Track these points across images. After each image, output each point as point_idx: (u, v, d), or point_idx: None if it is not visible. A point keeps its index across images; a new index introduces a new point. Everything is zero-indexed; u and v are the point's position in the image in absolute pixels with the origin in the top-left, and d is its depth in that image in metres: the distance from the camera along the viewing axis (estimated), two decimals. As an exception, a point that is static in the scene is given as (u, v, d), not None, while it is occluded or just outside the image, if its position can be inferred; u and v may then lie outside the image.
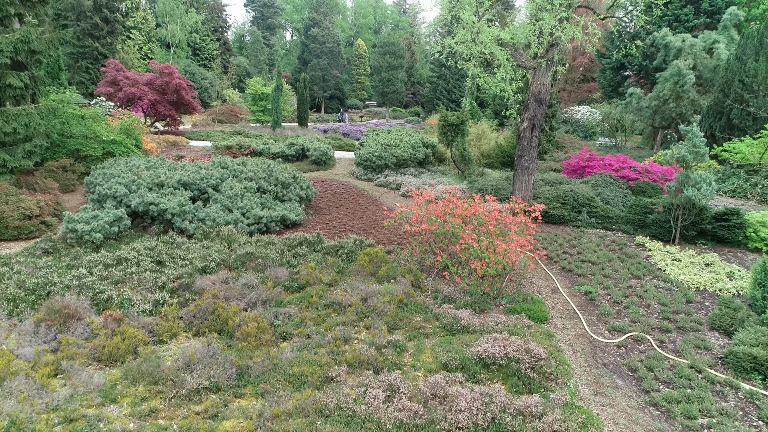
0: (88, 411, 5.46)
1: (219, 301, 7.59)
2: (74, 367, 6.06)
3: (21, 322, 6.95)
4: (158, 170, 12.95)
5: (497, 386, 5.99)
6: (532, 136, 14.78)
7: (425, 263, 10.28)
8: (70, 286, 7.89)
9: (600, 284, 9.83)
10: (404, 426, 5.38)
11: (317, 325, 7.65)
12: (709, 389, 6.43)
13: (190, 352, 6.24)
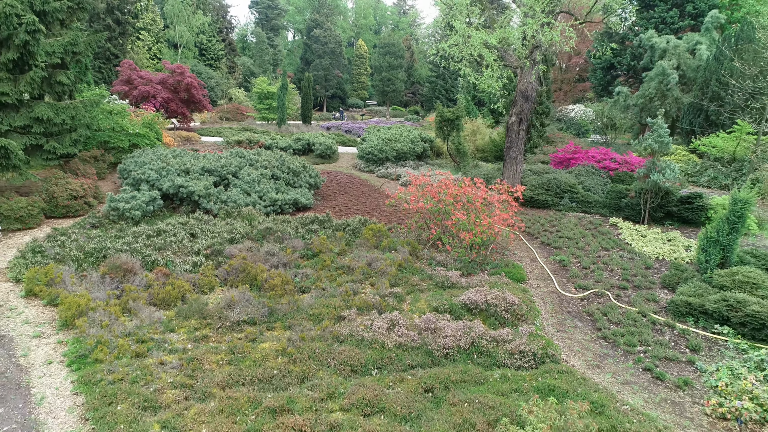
0: (154, 336, 6.92)
1: (248, 261, 9.04)
2: (138, 306, 7.51)
3: (89, 275, 8.40)
4: (183, 158, 14.41)
5: (477, 322, 7.43)
6: (520, 129, 16.23)
7: (421, 237, 11.73)
8: (121, 250, 9.34)
9: (573, 255, 11.28)
10: (402, 347, 6.85)
11: (330, 282, 9.11)
12: (650, 328, 7.89)
13: (230, 295, 7.70)
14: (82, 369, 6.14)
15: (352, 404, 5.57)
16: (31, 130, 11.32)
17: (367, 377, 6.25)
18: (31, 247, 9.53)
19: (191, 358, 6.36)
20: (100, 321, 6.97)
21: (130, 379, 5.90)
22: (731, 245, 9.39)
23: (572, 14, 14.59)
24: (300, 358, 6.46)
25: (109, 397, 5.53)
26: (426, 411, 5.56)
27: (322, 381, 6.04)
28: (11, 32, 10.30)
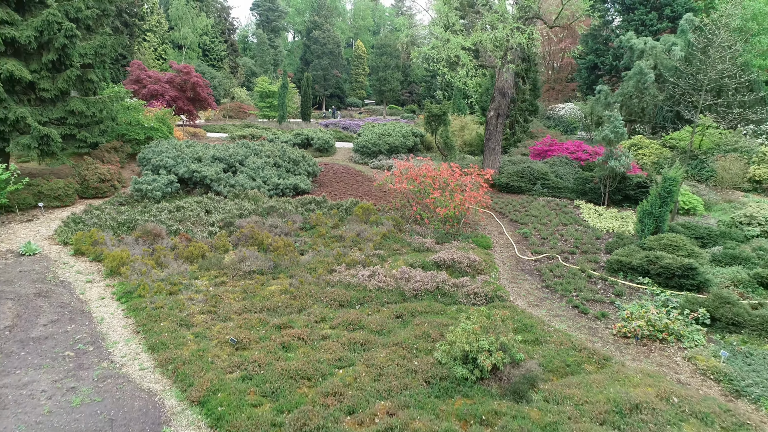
0: (183, 281, 8.61)
1: (255, 230, 10.72)
2: (167, 260, 9.20)
3: (124, 238, 10.08)
4: (195, 148, 16.08)
5: (443, 272, 9.12)
6: (498, 123, 17.93)
7: (405, 214, 13.41)
8: (148, 221, 11.02)
9: (535, 229, 12.97)
10: (381, 289, 8.54)
11: (325, 246, 10.80)
12: (585, 280, 9.58)
13: (242, 253, 9.40)
14: (128, 301, 7.83)
15: (339, 324, 7.28)
16: (66, 121, 12.97)
17: (352, 309, 7.94)
18: (72, 219, 11.22)
19: (213, 295, 8.05)
20: (139, 269, 8.66)
21: (168, 307, 7.58)
22: (662, 216, 11.09)
23: (543, 19, 16.28)
24: (299, 296, 8.15)
25: (153, 318, 7.23)
26: (395, 328, 7.26)
27: (316, 310, 7.73)
28: (51, 37, 11.96)
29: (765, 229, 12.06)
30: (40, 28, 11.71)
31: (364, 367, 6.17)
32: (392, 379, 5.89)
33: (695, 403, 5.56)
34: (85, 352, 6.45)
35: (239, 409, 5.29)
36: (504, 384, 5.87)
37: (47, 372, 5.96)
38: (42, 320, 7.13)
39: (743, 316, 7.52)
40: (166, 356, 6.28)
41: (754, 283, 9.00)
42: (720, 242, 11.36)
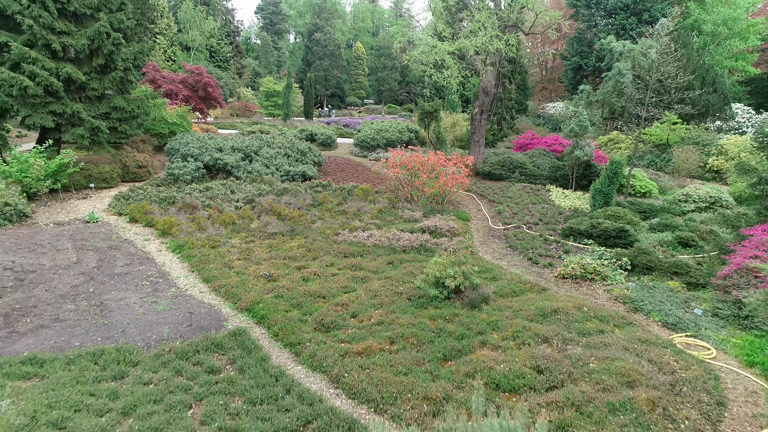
0: (220, 239, 10.82)
1: (274, 204, 12.94)
2: (206, 225, 11.42)
3: (169, 209, 12.29)
4: (216, 140, 18.27)
5: (426, 235, 11.33)
6: (481, 118, 20.14)
7: (398, 195, 15.62)
8: (184, 197, 13.23)
9: (508, 207, 15.19)
10: (376, 246, 10.77)
11: (331, 218, 13.01)
12: (542, 242, 11.81)
13: (266, 220, 11.61)
14: (181, 252, 10.04)
15: (344, 267, 9.50)
16: (110, 116, 15.13)
17: (354, 258, 10.16)
18: (120, 196, 13.42)
19: (246, 248, 10.27)
20: (185, 230, 10.87)
21: (212, 256, 9.80)
22: (610, 193, 13.33)
23: (520, 28, 18.49)
24: (312, 249, 10.38)
25: (202, 262, 9.44)
26: (387, 269, 9.48)
27: (326, 259, 9.95)
28: (101, 44, 14.13)
29: (698, 206, 14.30)
30: (92, 37, 13.90)
31: (363, 291, 8.39)
32: (384, 298, 8.11)
33: (599, 311, 7.79)
34: (157, 282, 8.67)
35: (275, 313, 7.51)
36: (464, 300, 8.09)
37: (133, 293, 8.17)
38: (119, 263, 9.34)
39: (654, 263, 9.75)
40: (217, 284, 8.50)
41: (675, 243, 11.22)
42: (659, 215, 13.58)
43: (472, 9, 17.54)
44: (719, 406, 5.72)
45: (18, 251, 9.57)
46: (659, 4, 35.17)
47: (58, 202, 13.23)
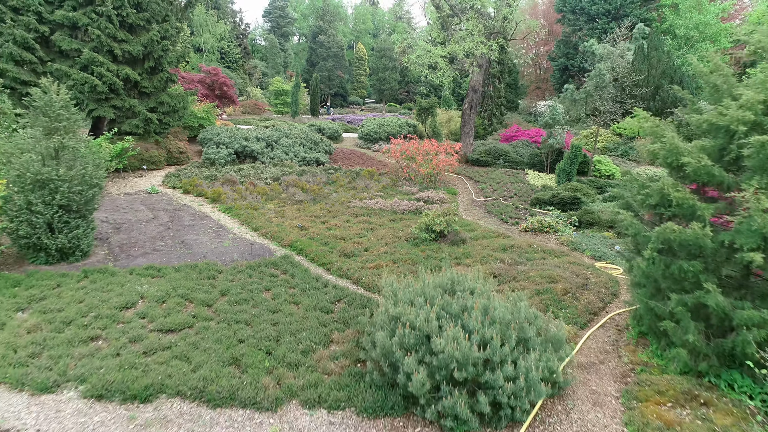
0: (259, 205, 13.62)
1: (296, 180, 15.72)
2: (245, 195, 14.22)
3: (214, 183, 15.07)
4: (242, 131, 21.05)
5: (420, 203, 14.12)
6: (471, 113, 22.92)
7: (398, 176, 18.40)
8: (223, 175, 16.01)
9: (490, 186, 17.99)
10: (381, 209, 13.58)
11: (344, 192, 15.81)
12: (513, 209, 14.60)
13: (292, 191, 14.41)
14: (230, 212, 12.84)
15: (358, 222, 12.31)
16: (156, 110, 17.91)
17: (364, 216, 12.95)
18: (170, 175, 16.22)
19: (280, 210, 13.07)
20: (231, 197, 13.68)
21: (255, 214, 12.59)
22: (572, 171, 16.12)
23: (502, 34, 21.26)
24: (331, 211, 13.19)
25: (249, 218, 12.24)
26: (390, 224, 12.28)
27: (342, 217, 12.75)
28: (151, 50, 16.90)
29: (647, 183, 17.07)
30: (145, 44, 16.68)
31: (372, 236, 11.19)
32: (388, 240, 10.90)
33: (546, 248, 10.59)
34: (218, 230, 11.47)
35: (309, 247, 10.30)
36: (447, 241, 10.89)
37: (203, 236, 10.97)
38: (185, 219, 12.14)
39: (595, 219, 12.55)
40: (263, 231, 11.30)
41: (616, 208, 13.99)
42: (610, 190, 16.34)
43: (462, 18, 20.34)
44: (612, 295, 8.52)
45: (107, 211, 12.36)
46: (637, 9, 37.90)
47: (122, 179, 16.03)
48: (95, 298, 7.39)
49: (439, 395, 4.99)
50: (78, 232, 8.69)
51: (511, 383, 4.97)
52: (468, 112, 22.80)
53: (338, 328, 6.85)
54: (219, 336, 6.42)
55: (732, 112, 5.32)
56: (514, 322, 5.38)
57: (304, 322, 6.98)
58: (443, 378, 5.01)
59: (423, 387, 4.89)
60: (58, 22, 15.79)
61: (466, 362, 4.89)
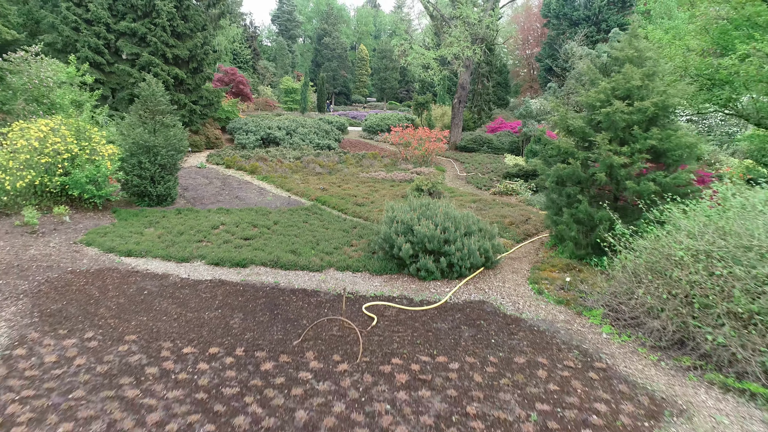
0: (286, 175, 17.10)
1: (314, 159, 19.21)
2: (276, 168, 17.71)
3: (250, 159, 18.56)
4: (265, 122, 24.50)
5: (413, 174, 17.59)
6: (459, 107, 26.37)
7: (396, 158, 21.87)
8: (255, 155, 19.50)
9: (473, 166, 21.46)
10: (383, 179, 17.10)
11: (354, 168, 19.29)
12: (487, 180, 18.08)
13: (312, 167, 17.91)
14: (266, 180, 16.32)
15: (365, 187, 15.82)
16: (197, 103, 21.38)
17: (369, 183, 16.44)
18: (212, 154, 19.71)
19: (304, 179, 16.57)
20: (265, 170, 17.17)
21: (286, 181, 16.08)
22: (537, 152, 19.58)
23: (485, 40, 24.67)
24: (344, 179, 16.69)
25: (281, 182, 15.74)
26: (390, 188, 15.79)
27: (353, 183, 16.24)
28: (195, 53, 20.36)
29: (600, 162, 20.54)
30: (191, 49, 20.17)
31: (376, 194, 14.68)
32: (388, 197, 14.39)
33: (504, 201, 14.07)
34: (260, 190, 14.96)
35: (330, 200, 13.77)
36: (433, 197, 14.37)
37: (250, 194, 14.45)
38: (234, 184, 15.64)
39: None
40: (294, 191, 14.79)
41: (570, 180, 17.45)
42: (571, 168, 19.81)
43: (451, 26, 23.78)
44: (546, 227, 11.98)
45: (172, 178, 15.82)
46: (615, 15, 41.27)
47: (173, 158, 19.50)
48: (192, 222, 10.90)
49: (417, 259, 8.49)
50: (169, 184, 12.20)
51: (459, 252, 8.46)
52: (457, 106, 26.26)
53: (355, 238, 10.36)
54: (279, 240, 9.92)
55: (592, 94, 8.80)
56: (463, 220, 8.88)
57: (332, 235, 10.49)
58: (419, 249, 8.50)
59: (407, 254, 8.38)
60: (121, 31, 19.27)
61: (432, 239, 8.39)
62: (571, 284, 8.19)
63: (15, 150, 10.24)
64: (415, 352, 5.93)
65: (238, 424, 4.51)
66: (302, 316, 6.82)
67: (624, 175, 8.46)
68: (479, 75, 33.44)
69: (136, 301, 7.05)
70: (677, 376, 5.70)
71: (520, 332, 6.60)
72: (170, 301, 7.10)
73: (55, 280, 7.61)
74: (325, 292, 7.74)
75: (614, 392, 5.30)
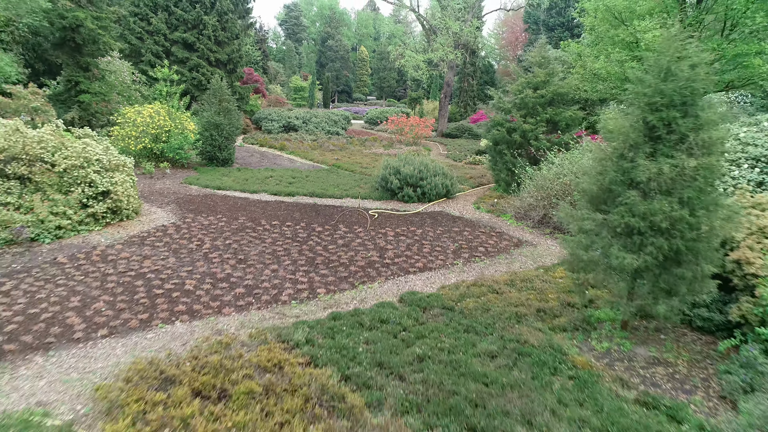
0: (308, 152, 21.91)
1: (327, 140, 23.99)
2: (298, 146, 22.50)
3: (277, 141, 23.35)
4: (286, 112, 29.24)
5: (405, 151, 22.38)
6: (445, 101, 31.14)
7: (392, 141, 26.64)
8: (281, 137, 24.28)
9: (454, 147, 26.24)
10: (382, 154, 21.90)
11: (359, 147, 24.09)
12: (462, 155, 22.87)
13: (326, 146, 22.72)
14: (293, 154, 21.10)
15: (369, 159, 20.63)
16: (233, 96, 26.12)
17: (372, 156, 21.21)
18: (246, 137, 24.48)
19: (322, 154, 21.37)
20: (290, 147, 21.95)
21: (308, 154, 20.85)
22: (503, 135, 24.38)
23: (465, 45, 29.38)
24: (353, 154, 21.51)
25: (305, 155, 20.53)
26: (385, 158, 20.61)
27: (359, 156, 21.03)
28: (232, 57, 25.07)
29: (554, 144, 25.32)
30: (228, 53, 24.89)
31: (376, 162, 19.44)
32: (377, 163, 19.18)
33: (467, 167, 18.87)
34: (290, 160, 19.73)
35: (343, 165, 18.54)
36: (418, 164, 19.17)
37: (283, 162, 19.22)
38: (269, 156, 20.41)
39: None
40: (316, 160, 19.58)
41: (526, 155, 22.26)
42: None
43: (438, 34, 28.52)
44: (495, 181, 16.80)
45: (222, 152, 20.58)
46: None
47: (216, 140, 24.25)
48: (250, 175, 15.68)
49: (402, 190, 13.28)
50: (231, 150, 16.98)
51: (429, 185, 13.26)
52: (443, 100, 31.02)
53: (362, 183, 15.17)
54: (312, 184, 14.71)
55: (515, 86, 13.58)
56: (432, 167, 13.68)
57: (347, 182, 15.29)
58: (404, 183, 13.29)
59: (396, 186, 13.18)
60: (174, 39, 23.98)
61: (412, 177, 13.19)
62: (497, 204, 13.01)
63: (135, 124, 14.99)
64: (398, 226, 10.78)
65: (310, 244, 9.33)
66: (334, 213, 11.64)
67: (531, 136, 13.24)
68: (465, 74, 38.16)
69: (236, 206, 11.85)
70: (538, 235, 10.56)
71: (460, 222, 11.44)
72: (256, 207, 11.91)
73: (182, 197, 12.42)
74: (345, 207, 12.53)
75: (501, 239, 10.16)
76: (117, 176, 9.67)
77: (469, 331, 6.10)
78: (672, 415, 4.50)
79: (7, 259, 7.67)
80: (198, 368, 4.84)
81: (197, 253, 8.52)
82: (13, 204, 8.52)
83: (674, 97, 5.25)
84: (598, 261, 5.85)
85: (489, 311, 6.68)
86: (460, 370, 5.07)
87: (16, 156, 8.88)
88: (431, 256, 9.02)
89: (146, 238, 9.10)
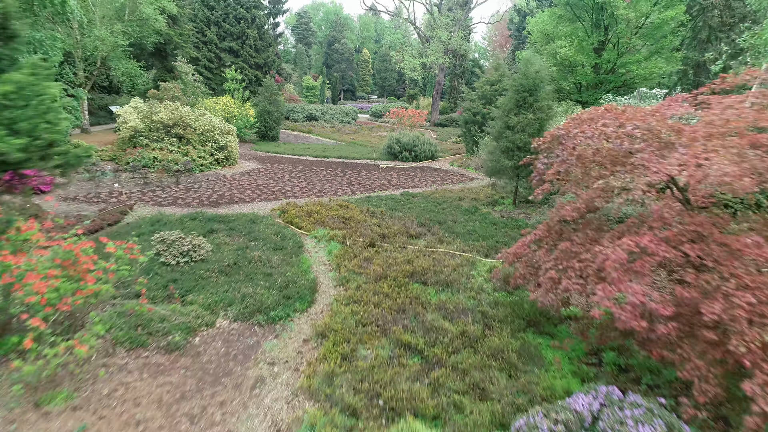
0: (328, 133, 27.88)
1: (342, 127, 29.95)
2: (321, 131, 28.49)
3: (299, 127, 29.30)
4: (307, 105, 35.10)
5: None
6: (437, 97, 37.11)
7: (394, 128, 32.58)
8: (306, 125, 30.22)
9: (443, 134, 32.18)
10: (385, 135, 27.92)
11: (367, 131, 30.07)
12: (451, 137, 28.87)
13: (342, 129, 28.70)
14: (317, 135, 27.07)
15: (376, 138, 26.64)
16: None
17: (378, 138, 27.18)
18: (279, 125, 30.46)
19: (339, 136, 27.32)
20: (315, 131, 27.92)
21: (330, 135, 26.82)
22: (481, 123, 30.39)
23: (456, 50, 35.26)
24: (363, 136, 27.50)
25: (327, 136, 26.53)
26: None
27: (368, 138, 26.99)
28: (267, 61, 30.89)
29: (521, 130, 31.32)
30: (264, 58, 30.79)
31: (382, 141, 25.44)
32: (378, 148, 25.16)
33: (455, 145, 24.86)
34: (318, 139, 25.70)
35: (358, 141, 24.51)
36: (413, 142, 25.15)
37: (312, 140, 25.17)
38: (301, 137, 26.37)
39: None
40: (337, 139, 25.57)
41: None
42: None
43: (431, 41, 34.43)
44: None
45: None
46: (561, 29, 51.77)
47: (256, 126, 30.21)
48: (293, 147, 21.68)
49: (402, 153, 19.30)
50: (277, 130, 22.96)
51: (420, 150, 19.31)
52: (435, 96, 36.96)
53: (374, 152, 21.14)
54: (339, 151, 20.71)
55: (479, 83, 19.54)
56: (422, 138, 19.69)
57: (363, 151, 21.29)
58: (403, 148, 19.32)
59: (398, 151, 19.25)
60: (224, 48, 29.87)
61: (409, 142, 19.23)
62: (464, 162, 19.02)
63: (214, 110, 20.96)
64: (398, 173, 16.82)
65: (346, 178, 15.38)
66: (358, 167, 17.66)
67: (488, 117, 19.21)
68: (455, 75, 44.05)
69: (294, 161, 17.87)
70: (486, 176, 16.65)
71: (439, 171, 17.51)
72: (305, 162, 17.92)
73: (257, 157, 18.44)
74: (364, 163, 18.50)
75: (462, 177, 16.28)
76: (229, 137, 15.66)
77: (434, 203, 12.14)
78: (517, 225, 10.55)
79: (188, 177, 13.69)
80: (310, 205, 10.89)
81: (282, 179, 14.52)
82: (177, 150, 14.51)
83: (528, 86, 11.24)
84: (496, 165, 11.86)
85: (447, 198, 12.71)
86: (427, 209, 11.11)
87: (177, 123, 14.86)
88: (419, 182, 15.04)
89: (250, 173, 15.10)
